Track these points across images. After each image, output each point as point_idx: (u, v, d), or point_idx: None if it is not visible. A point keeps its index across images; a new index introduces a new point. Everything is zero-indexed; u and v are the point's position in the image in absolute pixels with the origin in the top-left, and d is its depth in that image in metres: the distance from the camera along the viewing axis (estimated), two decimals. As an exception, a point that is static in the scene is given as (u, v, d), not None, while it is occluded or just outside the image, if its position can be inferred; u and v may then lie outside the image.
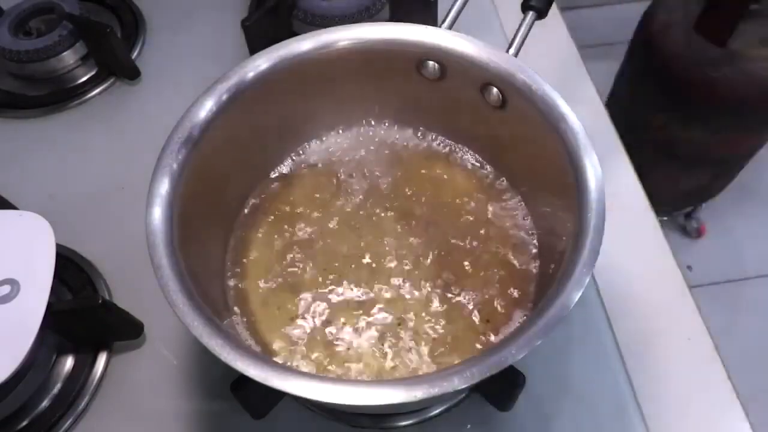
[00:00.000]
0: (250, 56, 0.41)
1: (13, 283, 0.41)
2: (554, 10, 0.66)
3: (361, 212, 0.45)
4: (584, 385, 0.45)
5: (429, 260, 0.43)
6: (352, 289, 0.42)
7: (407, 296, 0.41)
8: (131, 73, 0.63)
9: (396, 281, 0.42)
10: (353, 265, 0.43)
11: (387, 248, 0.43)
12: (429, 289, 0.42)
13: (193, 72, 0.52)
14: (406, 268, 0.43)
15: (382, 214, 0.45)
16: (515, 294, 0.41)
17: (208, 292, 0.37)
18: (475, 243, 0.44)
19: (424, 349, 0.40)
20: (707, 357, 0.47)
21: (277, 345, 0.40)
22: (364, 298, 0.41)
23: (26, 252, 0.43)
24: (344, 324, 0.40)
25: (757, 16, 0.93)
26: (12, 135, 0.61)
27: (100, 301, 0.43)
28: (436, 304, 0.41)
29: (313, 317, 0.41)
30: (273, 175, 0.47)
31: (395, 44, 0.42)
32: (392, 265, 0.43)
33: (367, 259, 0.43)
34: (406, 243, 0.44)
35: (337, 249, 0.44)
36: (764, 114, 1.01)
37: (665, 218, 1.39)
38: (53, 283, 0.41)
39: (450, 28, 0.43)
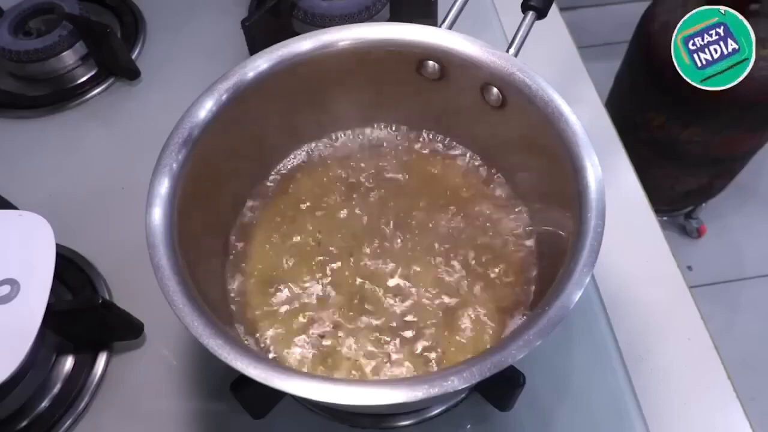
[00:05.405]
0: (250, 56, 0.41)
1: (13, 283, 0.41)
2: (554, 10, 0.66)
3: (361, 212, 0.45)
4: (584, 385, 0.45)
5: (427, 260, 0.43)
6: (352, 289, 0.42)
7: (408, 297, 0.41)
8: (131, 73, 0.63)
9: (396, 283, 0.42)
10: (353, 267, 0.43)
11: (386, 248, 0.43)
12: (428, 290, 0.42)
13: (193, 72, 0.52)
14: (406, 270, 0.43)
15: (382, 215, 0.45)
16: (515, 293, 0.41)
17: (208, 292, 0.37)
18: (473, 243, 0.44)
19: (424, 348, 0.40)
20: (707, 357, 0.47)
21: (277, 345, 0.40)
22: (365, 296, 0.41)
23: (26, 252, 0.43)
24: (343, 324, 0.40)
25: (756, 16, 0.93)
26: (12, 135, 0.61)
27: (100, 301, 0.43)
28: (434, 304, 0.41)
29: (314, 317, 0.41)
30: (273, 175, 0.47)
31: (395, 44, 0.42)
32: (393, 266, 0.43)
33: (367, 260, 0.43)
34: (406, 243, 0.44)
35: (338, 250, 0.44)
36: (764, 114, 1.01)
37: (665, 218, 1.39)
38: (53, 283, 0.41)
39: (450, 28, 0.43)
